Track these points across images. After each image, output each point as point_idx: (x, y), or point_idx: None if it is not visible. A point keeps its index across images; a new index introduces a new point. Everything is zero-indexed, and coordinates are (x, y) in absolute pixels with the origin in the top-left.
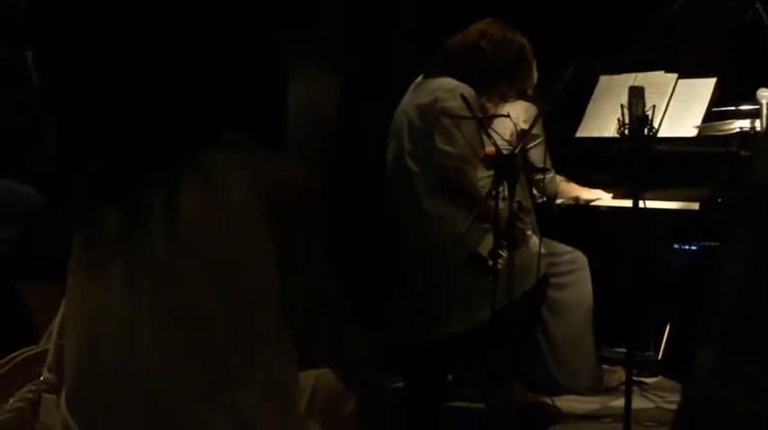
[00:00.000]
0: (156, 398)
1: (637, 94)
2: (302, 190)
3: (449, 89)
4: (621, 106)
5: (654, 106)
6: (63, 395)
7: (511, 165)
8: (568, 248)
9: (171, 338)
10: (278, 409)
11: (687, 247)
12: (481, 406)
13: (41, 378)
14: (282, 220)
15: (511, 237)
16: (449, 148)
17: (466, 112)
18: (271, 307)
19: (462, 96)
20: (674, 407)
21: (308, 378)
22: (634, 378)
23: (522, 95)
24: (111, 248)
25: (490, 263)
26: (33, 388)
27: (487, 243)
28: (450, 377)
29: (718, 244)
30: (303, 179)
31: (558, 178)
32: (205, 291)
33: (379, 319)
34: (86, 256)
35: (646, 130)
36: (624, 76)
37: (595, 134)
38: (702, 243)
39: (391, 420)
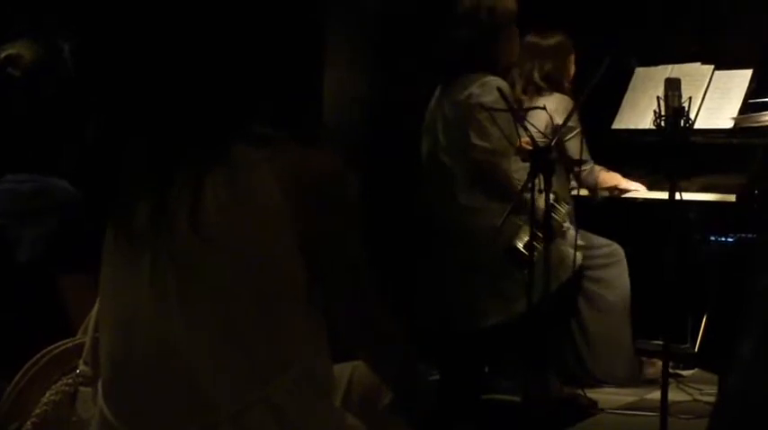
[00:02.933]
0: (191, 388)
1: (673, 85)
2: (330, 183)
3: (483, 83)
4: (658, 98)
5: (690, 98)
6: (99, 387)
7: (546, 158)
8: (605, 241)
9: (202, 328)
10: (312, 399)
11: (724, 239)
12: (517, 398)
13: (78, 370)
14: (310, 214)
15: (547, 230)
16: (484, 143)
17: (502, 105)
18: (298, 298)
19: (499, 89)
20: (710, 399)
21: (343, 370)
22: (671, 370)
23: (557, 88)
24: (140, 240)
25: (526, 255)
26: (70, 381)
27: (523, 235)
28: (486, 369)
29: (754, 236)
30: (332, 172)
31: (597, 168)
32: (231, 283)
33: (415, 311)
34: (117, 249)
35: (682, 122)
36: (660, 67)
37: (631, 126)
38: (739, 235)
39: (428, 413)
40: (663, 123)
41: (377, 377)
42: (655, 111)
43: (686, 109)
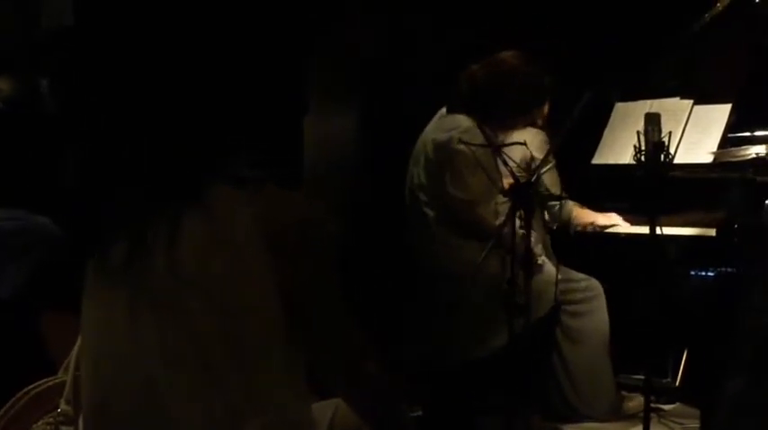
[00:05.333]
0: (170, 424)
1: (653, 120)
2: (308, 227)
3: (465, 129)
4: (638, 133)
5: (670, 133)
6: (80, 426)
7: (527, 193)
8: (583, 276)
9: (179, 367)
10: None
11: (704, 274)
12: None
13: (59, 409)
14: (286, 257)
15: (527, 265)
16: (459, 193)
17: (481, 141)
18: (277, 341)
19: (479, 126)
20: None
21: (325, 408)
22: (652, 405)
23: (531, 123)
24: (117, 278)
25: (509, 292)
26: (51, 420)
27: (506, 272)
28: (469, 408)
29: (734, 270)
30: (309, 217)
31: (571, 203)
32: (206, 324)
33: (398, 349)
34: (96, 287)
35: (662, 157)
36: (640, 102)
37: (611, 161)
38: (719, 269)
39: None
40: (643, 158)
41: (357, 416)
42: (635, 146)
43: (666, 144)
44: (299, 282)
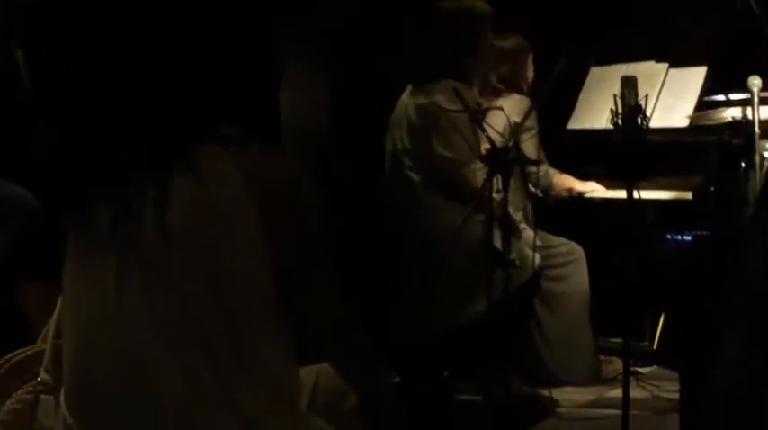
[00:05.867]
0: (157, 394)
1: (629, 83)
2: (294, 184)
3: (448, 90)
4: (614, 96)
5: (647, 95)
6: (62, 395)
7: (504, 158)
8: (564, 240)
9: (168, 333)
10: (279, 404)
11: (681, 237)
12: (479, 399)
13: (38, 378)
14: (274, 214)
15: (506, 230)
16: (447, 153)
17: (459, 107)
18: (265, 301)
19: (455, 90)
20: (670, 396)
21: (308, 374)
22: (630, 368)
23: (515, 90)
24: (104, 245)
25: (506, 254)
26: (31, 388)
27: (497, 236)
28: (446, 373)
29: (711, 233)
30: (297, 174)
31: (552, 170)
32: (197, 286)
33: (379, 315)
34: (80, 254)
35: (639, 120)
36: (614, 66)
37: (587, 126)
38: (696, 232)
39: (394, 416)
40: (620, 121)
41: (342, 380)
42: (611, 110)
43: (643, 107)
44: (288, 239)
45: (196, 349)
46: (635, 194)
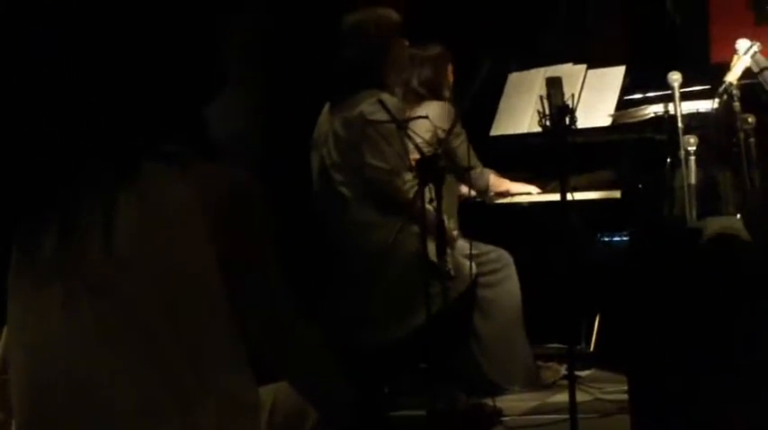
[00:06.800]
0: (114, 420)
1: (554, 84)
2: (244, 197)
3: (373, 100)
4: (540, 97)
5: (573, 95)
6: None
7: (435, 167)
8: (491, 247)
9: (121, 356)
10: (235, 417)
11: (612, 238)
12: (422, 413)
13: None
14: (225, 229)
15: (441, 240)
16: (379, 163)
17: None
18: (218, 317)
19: (380, 101)
20: (612, 397)
21: (266, 393)
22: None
23: (437, 96)
24: (49, 268)
25: (440, 265)
26: None
27: (432, 248)
28: (386, 389)
29: (643, 232)
30: (244, 186)
31: (487, 171)
32: (148, 308)
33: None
34: (23, 280)
35: (567, 120)
36: (533, 71)
37: (510, 131)
38: (627, 230)
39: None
40: (548, 123)
41: (300, 398)
42: (539, 112)
43: (570, 106)
44: (238, 252)
45: (152, 367)
46: (568, 196)
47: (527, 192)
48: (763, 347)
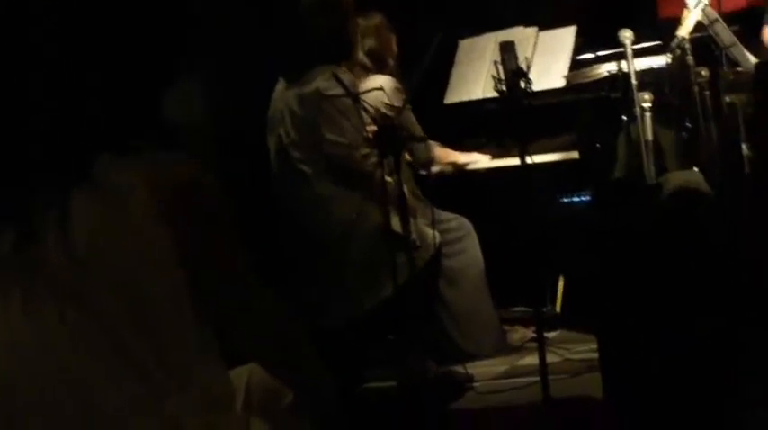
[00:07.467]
0: (87, 422)
1: (508, 48)
2: (203, 188)
3: (328, 75)
4: (495, 63)
5: (526, 58)
6: None
7: (394, 138)
8: (452, 215)
9: (91, 356)
10: (215, 412)
11: (572, 199)
12: (394, 384)
13: None
14: (182, 220)
15: (404, 210)
16: (338, 138)
17: (340, 91)
18: (183, 308)
19: (334, 75)
20: (581, 357)
21: (239, 375)
22: (534, 333)
23: (383, 65)
24: (6, 271)
25: (403, 235)
26: None
27: (396, 219)
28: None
29: (598, 189)
30: (201, 177)
31: (432, 143)
32: (112, 304)
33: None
34: None
35: (522, 83)
36: (483, 36)
37: (464, 98)
38: (587, 191)
39: (334, 414)
40: (504, 87)
41: (274, 378)
42: (494, 77)
43: (525, 69)
44: (198, 244)
45: (122, 364)
46: (528, 159)
47: (475, 161)
48: (727, 300)
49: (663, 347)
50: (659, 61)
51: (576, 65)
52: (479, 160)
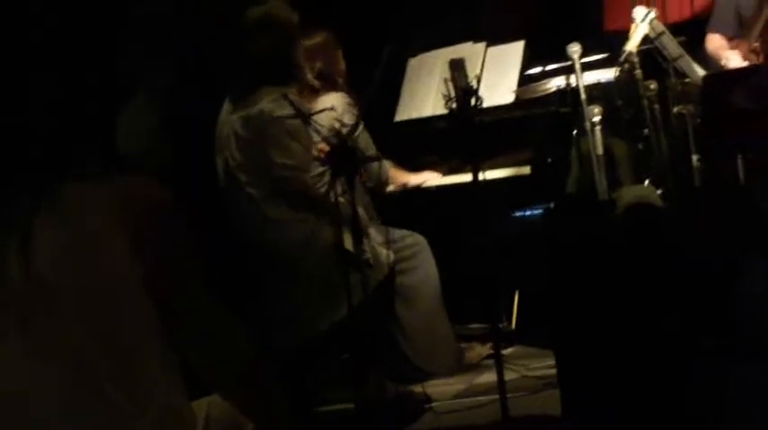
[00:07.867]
0: None
1: (458, 65)
2: (163, 208)
3: (273, 97)
4: (445, 80)
5: (477, 75)
6: None
7: (348, 158)
8: (406, 232)
9: (51, 380)
10: None
11: (524, 214)
12: (351, 406)
13: None
14: (147, 243)
15: (357, 230)
16: (286, 160)
17: (289, 111)
18: (149, 336)
19: (285, 96)
20: (538, 373)
21: (199, 407)
22: (491, 350)
23: (332, 86)
24: None
25: (357, 256)
26: None
27: (348, 239)
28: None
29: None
30: (162, 197)
31: (386, 163)
32: (77, 330)
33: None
34: None
35: (473, 101)
36: (432, 53)
37: (414, 115)
38: (539, 205)
39: None
40: (454, 105)
41: (233, 410)
42: (444, 95)
43: (475, 87)
44: (162, 266)
45: (85, 390)
46: (480, 176)
47: (426, 180)
48: (688, 313)
49: (620, 361)
50: (608, 75)
51: (525, 80)
52: (430, 179)
